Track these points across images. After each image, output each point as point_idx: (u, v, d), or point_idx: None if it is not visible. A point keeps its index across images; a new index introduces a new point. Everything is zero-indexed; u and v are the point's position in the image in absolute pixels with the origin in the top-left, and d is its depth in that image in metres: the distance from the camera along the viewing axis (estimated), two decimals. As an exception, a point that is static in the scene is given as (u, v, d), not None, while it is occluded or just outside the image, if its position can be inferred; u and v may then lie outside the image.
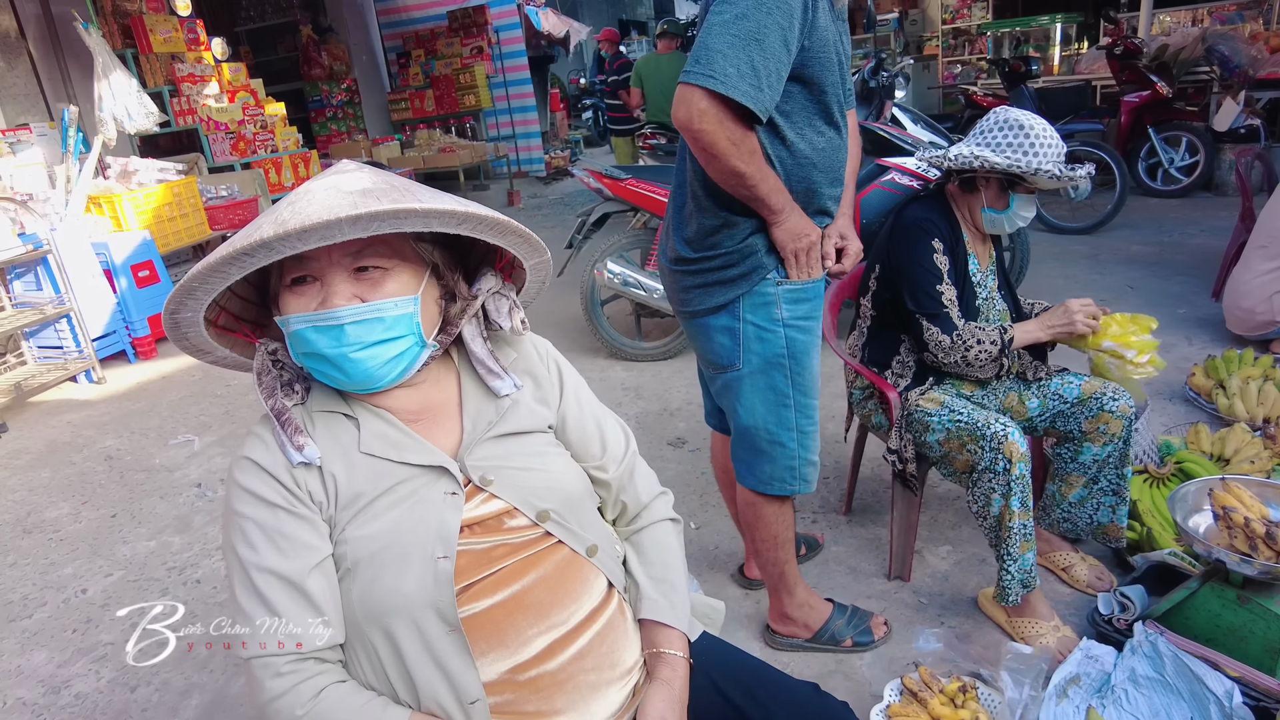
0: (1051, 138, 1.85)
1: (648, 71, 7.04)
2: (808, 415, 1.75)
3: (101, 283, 4.73)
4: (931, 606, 2.08)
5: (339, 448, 0.99)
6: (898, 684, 1.75)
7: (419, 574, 0.95)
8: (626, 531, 1.21)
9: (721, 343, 1.73)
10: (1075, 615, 1.98)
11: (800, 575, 1.96)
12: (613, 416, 1.23)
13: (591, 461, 1.16)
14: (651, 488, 1.24)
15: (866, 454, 2.52)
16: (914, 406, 1.98)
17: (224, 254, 0.86)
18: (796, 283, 1.66)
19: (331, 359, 0.95)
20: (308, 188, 0.92)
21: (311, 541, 0.95)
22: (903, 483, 2.08)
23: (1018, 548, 1.80)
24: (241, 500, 0.96)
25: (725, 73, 1.41)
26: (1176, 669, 1.63)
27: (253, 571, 0.94)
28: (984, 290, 2.01)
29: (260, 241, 0.85)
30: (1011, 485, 1.78)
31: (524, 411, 1.09)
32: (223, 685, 2.06)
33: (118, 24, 6.64)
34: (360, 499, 0.97)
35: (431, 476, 1.00)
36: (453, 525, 0.97)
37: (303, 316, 0.94)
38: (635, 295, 3.92)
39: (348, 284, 0.95)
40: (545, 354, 1.18)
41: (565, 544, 1.05)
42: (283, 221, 0.85)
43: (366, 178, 0.93)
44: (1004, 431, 1.79)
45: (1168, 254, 4.96)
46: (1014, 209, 1.92)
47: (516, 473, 1.04)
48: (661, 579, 1.14)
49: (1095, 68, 7.46)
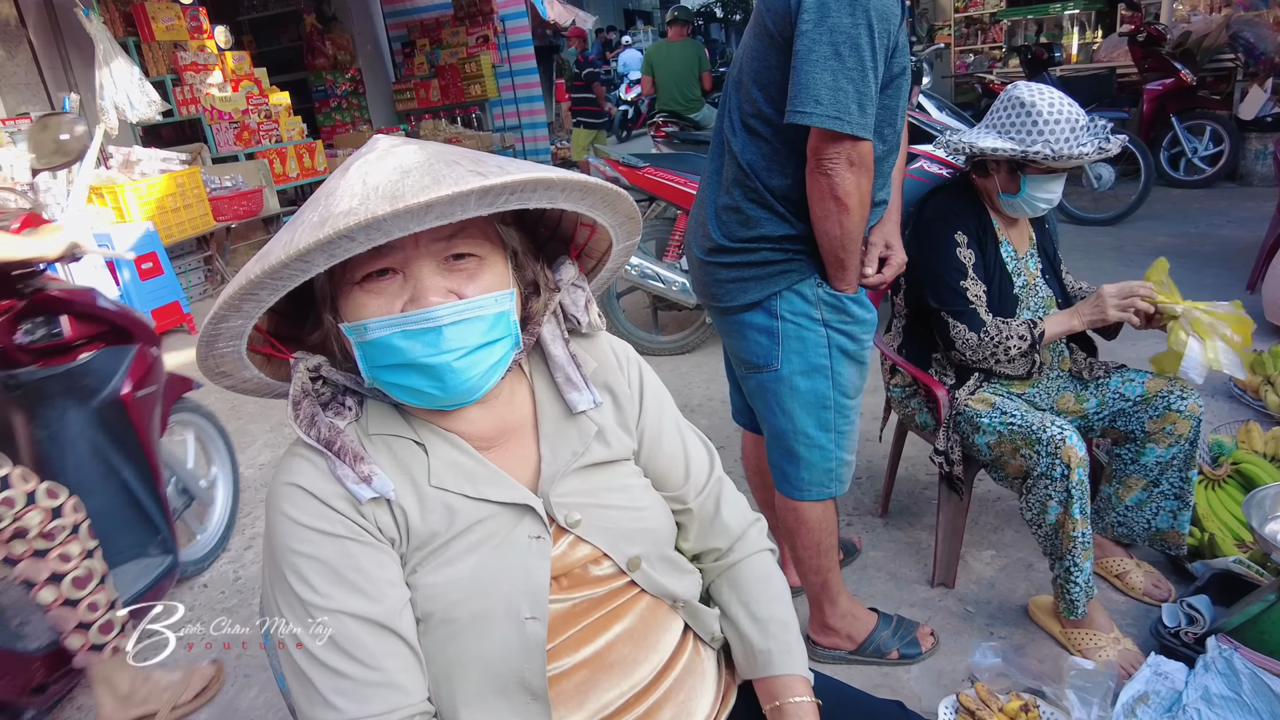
0: (1059, 114, 1.72)
1: (659, 59, 6.91)
2: (845, 415, 1.66)
3: (104, 274, 4.62)
4: (979, 615, 1.97)
5: (407, 479, 0.83)
6: (953, 701, 1.64)
7: (502, 637, 0.81)
8: (717, 568, 1.04)
9: (758, 341, 1.63)
10: (1133, 626, 1.87)
11: (843, 583, 1.86)
12: (695, 434, 1.06)
13: (672, 490, 1.00)
14: (742, 516, 1.06)
15: (903, 454, 2.41)
16: (963, 406, 1.87)
17: (308, 243, 0.67)
18: (837, 292, 1.59)
19: (430, 369, 0.78)
20: (370, 167, 0.73)
21: (392, 577, 0.80)
22: (949, 485, 1.96)
23: (1081, 557, 1.69)
24: (294, 536, 0.78)
25: (848, 109, 1.36)
26: (1255, 688, 1.52)
27: (327, 623, 0.76)
28: (1021, 278, 1.90)
29: (370, 220, 0.66)
30: (1071, 492, 1.67)
31: (610, 437, 0.94)
32: (232, 697, 1.95)
33: (119, 11, 6.52)
34: (434, 539, 0.82)
35: (513, 516, 0.85)
36: (541, 578, 0.83)
37: (388, 320, 0.76)
38: (653, 287, 3.81)
39: (439, 276, 0.78)
40: (626, 362, 1.00)
41: (649, 593, 0.92)
42: (396, 195, 0.68)
43: (443, 148, 0.77)
44: (1061, 435, 1.68)
45: (1195, 245, 4.84)
46: (1026, 191, 1.80)
47: (604, 511, 0.90)
48: (770, 618, 0.99)
49: (1115, 55, 7.31)
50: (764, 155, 1.53)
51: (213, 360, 0.81)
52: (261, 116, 7.26)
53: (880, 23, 1.36)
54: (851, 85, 1.35)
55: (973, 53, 10.55)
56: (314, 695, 0.76)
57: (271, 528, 0.81)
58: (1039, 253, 1.95)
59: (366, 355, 0.79)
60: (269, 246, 0.74)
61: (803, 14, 1.36)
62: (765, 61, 1.48)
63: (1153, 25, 6.34)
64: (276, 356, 0.85)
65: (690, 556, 1.03)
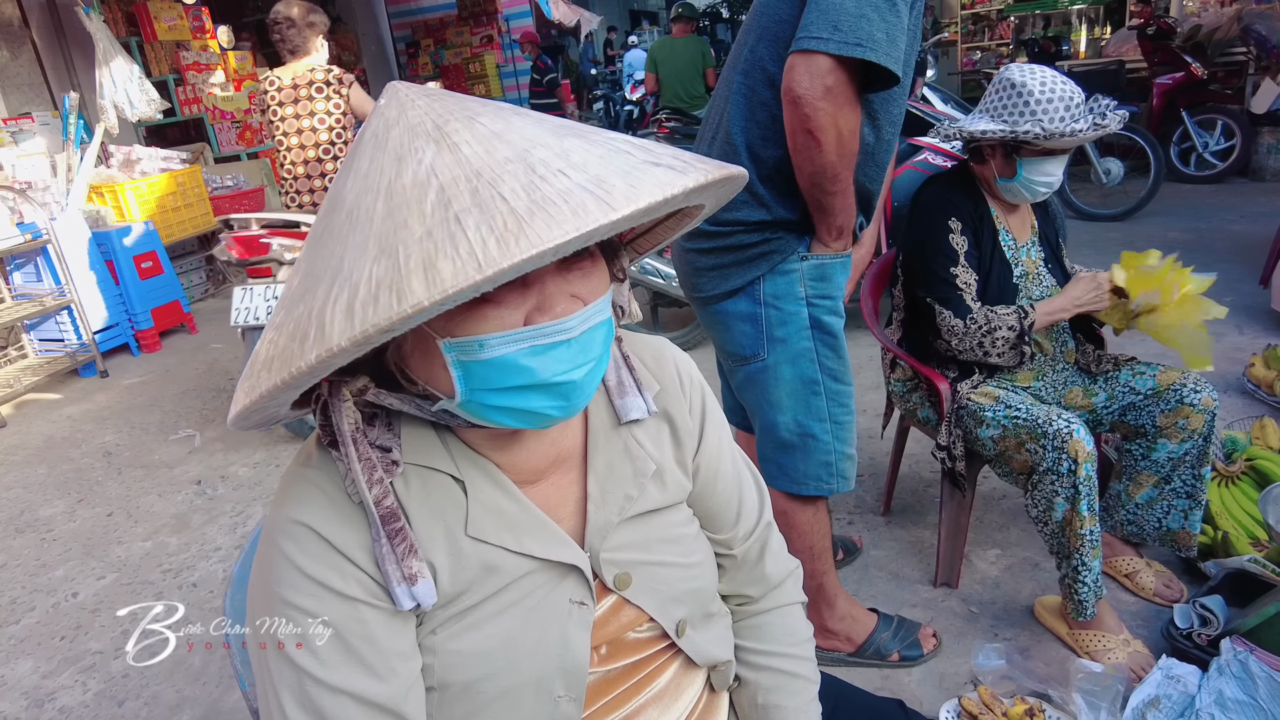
0: (1051, 92, 1.66)
1: (663, 56, 6.86)
2: (841, 403, 1.59)
3: (104, 274, 4.60)
4: (983, 616, 1.91)
5: (440, 525, 0.70)
6: (955, 705, 1.58)
7: (530, 716, 0.71)
8: (744, 612, 0.94)
9: (743, 331, 1.57)
10: (1144, 627, 1.81)
11: (840, 585, 1.80)
12: (751, 472, 0.94)
13: (718, 533, 0.89)
14: (783, 566, 0.96)
15: (906, 451, 2.34)
16: (965, 400, 1.81)
17: (465, 284, 0.49)
18: (823, 255, 1.51)
19: (557, 388, 0.63)
20: (488, 157, 0.54)
21: (405, 649, 0.68)
22: (952, 482, 1.90)
23: (1089, 555, 1.62)
24: (297, 589, 0.65)
25: (874, 38, 1.22)
26: (1271, 692, 1.46)
27: (322, 695, 0.65)
28: (1020, 266, 1.84)
29: (584, 235, 0.50)
30: (1078, 488, 1.61)
31: (667, 478, 0.81)
32: (216, 699, 1.91)
33: (122, 11, 6.53)
34: (462, 599, 0.70)
35: (554, 575, 0.73)
36: (581, 653, 0.73)
37: (514, 335, 0.60)
38: (653, 284, 3.76)
39: (562, 280, 0.64)
40: (690, 384, 0.86)
41: (685, 653, 0.83)
42: (601, 186, 0.53)
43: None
44: (1068, 429, 1.61)
45: (1206, 241, 4.75)
46: (1023, 175, 1.74)
47: (656, 570, 0.79)
48: (790, 674, 0.92)
49: (1124, 49, 7.22)
50: (761, 125, 1.45)
51: (260, 410, 0.61)
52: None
53: None
54: (877, 13, 1.23)
55: (980, 49, 10.47)
56: None
57: (269, 566, 0.67)
58: (1041, 241, 1.89)
59: (474, 375, 0.62)
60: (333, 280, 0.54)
61: None
62: (778, 15, 1.40)
63: (1162, 18, 6.25)
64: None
65: (722, 596, 0.95)
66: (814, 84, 1.26)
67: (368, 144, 0.59)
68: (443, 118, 0.57)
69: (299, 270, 0.59)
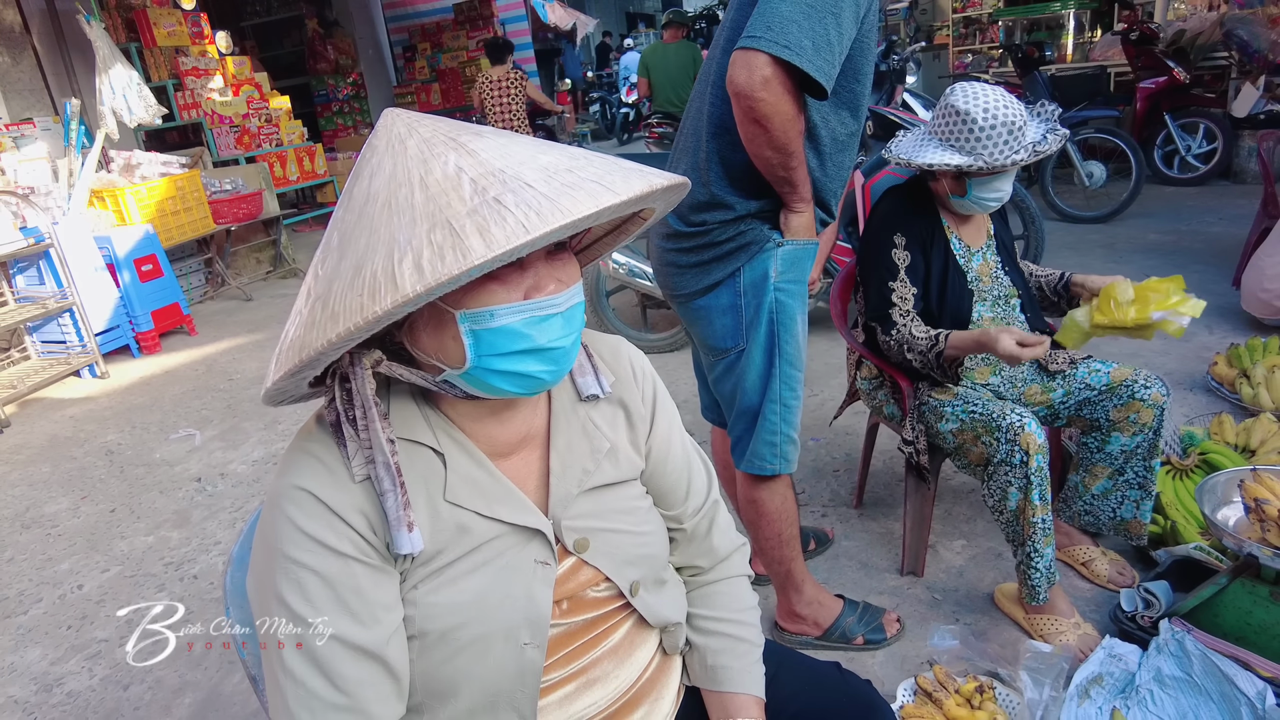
0: (994, 119, 1.69)
1: (654, 61, 6.95)
2: (790, 387, 1.66)
3: (104, 277, 4.70)
4: (946, 603, 2.01)
5: (423, 491, 0.81)
6: (911, 684, 1.68)
7: (499, 661, 0.83)
8: (695, 583, 1.06)
9: (724, 323, 1.65)
10: (1096, 612, 1.91)
11: (808, 571, 1.89)
12: (699, 454, 1.06)
13: (669, 509, 1.01)
14: (730, 541, 1.07)
15: (878, 446, 2.44)
16: (927, 396, 1.91)
17: (517, 242, 0.62)
18: (797, 241, 1.59)
19: (549, 353, 0.77)
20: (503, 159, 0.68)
21: (389, 600, 0.79)
22: (917, 474, 2.00)
23: (1042, 542, 1.72)
24: (298, 545, 0.76)
25: (800, 44, 1.32)
26: (1205, 669, 1.55)
27: (314, 637, 0.76)
28: (972, 272, 1.91)
29: (600, 211, 0.66)
30: (1030, 478, 1.70)
31: (621, 457, 0.94)
32: (217, 683, 2.01)
33: (122, 18, 6.62)
34: (439, 557, 0.81)
35: (521, 538, 0.85)
36: (544, 605, 0.85)
37: (518, 306, 0.74)
38: (641, 286, 3.85)
39: (550, 266, 0.78)
40: (642, 377, 0.99)
41: (638, 612, 0.94)
42: (604, 181, 0.68)
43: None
44: (1020, 422, 1.71)
45: (1185, 242, 4.85)
46: (973, 194, 1.81)
47: (611, 535, 0.91)
48: (738, 638, 1.02)
49: (1110, 54, 7.31)
50: (731, 132, 1.52)
51: (289, 386, 0.75)
52: (262, 120, 7.34)
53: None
54: (808, 21, 1.32)
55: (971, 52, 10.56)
56: (279, 701, 0.77)
57: (272, 527, 0.77)
58: (999, 247, 1.98)
59: (483, 342, 0.74)
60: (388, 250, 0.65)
61: None
62: (746, 14, 1.46)
63: (1145, 24, 6.34)
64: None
65: (675, 569, 1.06)
66: (752, 76, 1.35)
67: (383, 153, 0.71)
68: (451, 132, 0.71)
69: (328, 259, 0.70)
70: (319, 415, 0.81)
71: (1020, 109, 1.74)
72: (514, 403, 0.86)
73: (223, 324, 5.47)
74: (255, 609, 0.80)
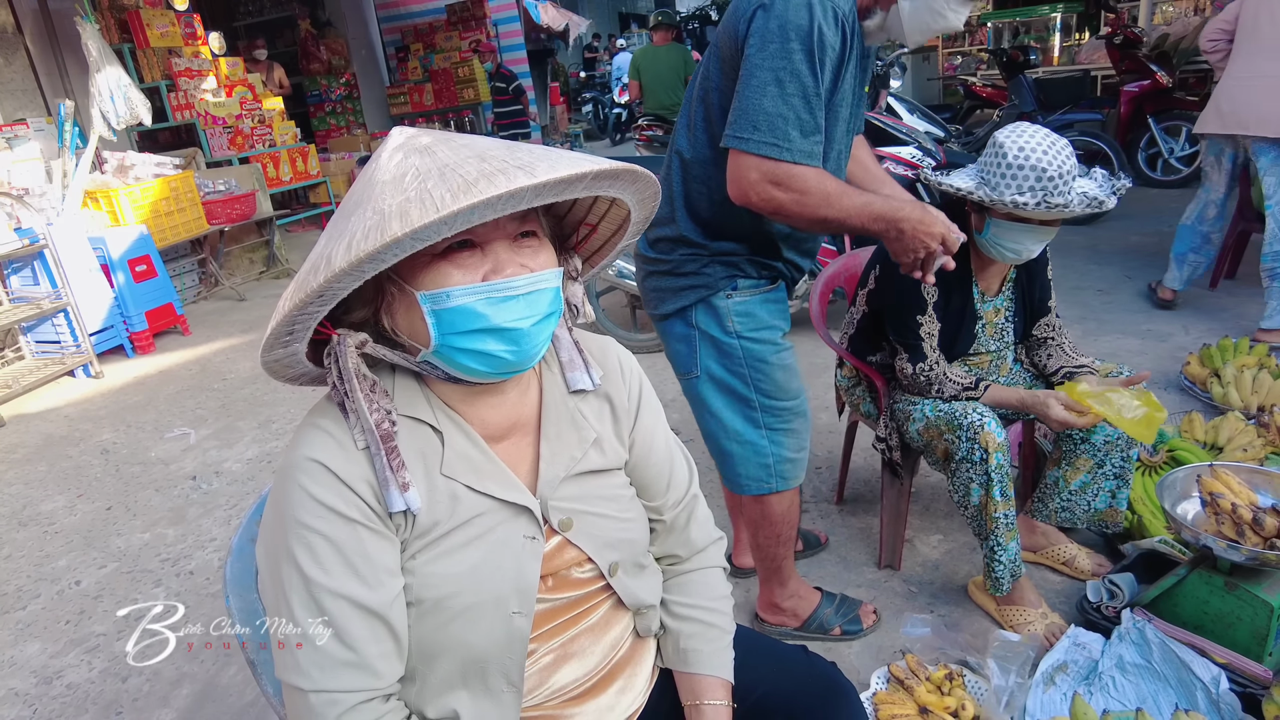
0: (1025, 160, 1.65)
1: (645, 63, 7.02)
2: (776, 415, 1.72)
3: (99, 277, 4.73)
4: (921, 595, 2.08)
5: (421, 464, 0.88)
6: (885, 672, 1.75)
7: (489, 628, 0.89)
8: (672, 572, 1.13)
9: (678, 350, 1.73)
10: (1066, 603, 1.98)
11: (794, 567, 1.96)
12: (681, 450, 1.13)
13: (651, 500, 1.07)
14: (707, 534, 1.14)
15: (858, 444, 2.51)
16: (899, 395, 1.97)
17: (430, 219, 0.70)
18: (744, 297, 1.65)
19: (507, 333, 0.82)
20: (455, 157, 0.75)
21: (392, 565, 0.85)
22: (891, 470, 2.07)
23: (1004, 536, 1.79)
24: (309, 511, 0.82)
25: (787, 136, 1.37)
26: (1164, 656, 1.63)
27: (324, 596, 0.81)
28: (980, 320, 1.94)
29: (512, 192, 0.71)
30: (990, 475, 1.77)
31: (606, 447, 1.01)
32: (214, 675, 2.06)
33: (115, 19, 6.64)
34: (436, 528, 0.87)
35: (510, 514, 0.91)
36: (532, 577, 0.91)
37: (473, 288, 0.81)
38: (630, 287, 3.91)
39: (512, 252, 0.84)
40: (629, 374, 1.06)
41: (620, 597, 1.01)
42: (529, 168, 0.73)
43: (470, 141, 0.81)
44: (980, 421, 1.77)
45: (1166, 244, 4.88)
46: (990, 234, 1.78)
47: (594, 519, 0.97)
48: (710, 624, 1.08)
49: (1095, 57, 7.42)
50: (698, 181, 1.59)
51: (278, 355, 0.83)
52: (255, 121, 7.38)
53: (820, 50, 1.37)
54: (793, 112, 1.37)
55: (960, 55, 10.65)
56: (290, 660, 0.82)
57: (284, 497, 0.83)
58: (1014, 294, 1.98)
59: (444, 321, 0.82)
60: (340, 236, 0.74)
61: (749, 39, 1.40)
62: (715, 82, 1.53)
63: (1130, 29, 6.44)
64: (318, 336, 0.85)
65: (655, 558, 1.13)
66: (758, 178, 1.41)
67: (371, 161, 0.81)
68: (435, 141, 0.79)
69: (312, 256, 0.79)
70: (328, 395, 0.88)
71: (1064, 165, 1.65)
72: (497, 387, 0.92)
73: (216, 324, 5.50)
74: (265, 576, 0.86)
